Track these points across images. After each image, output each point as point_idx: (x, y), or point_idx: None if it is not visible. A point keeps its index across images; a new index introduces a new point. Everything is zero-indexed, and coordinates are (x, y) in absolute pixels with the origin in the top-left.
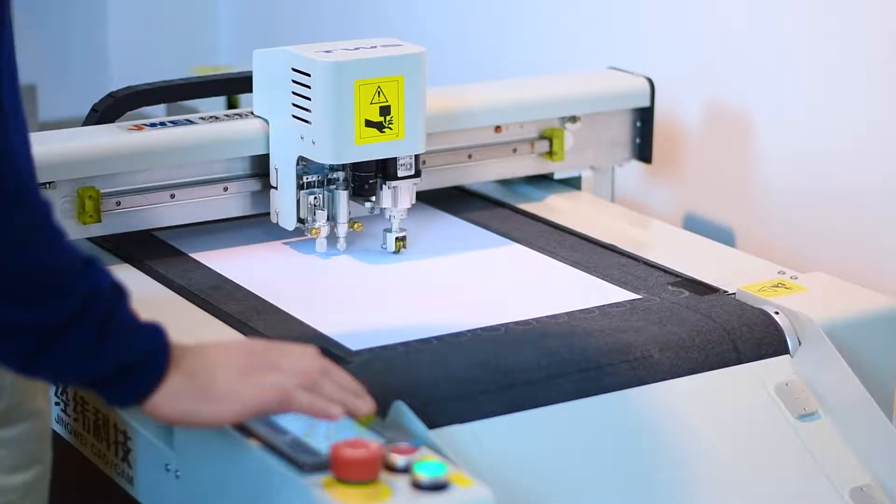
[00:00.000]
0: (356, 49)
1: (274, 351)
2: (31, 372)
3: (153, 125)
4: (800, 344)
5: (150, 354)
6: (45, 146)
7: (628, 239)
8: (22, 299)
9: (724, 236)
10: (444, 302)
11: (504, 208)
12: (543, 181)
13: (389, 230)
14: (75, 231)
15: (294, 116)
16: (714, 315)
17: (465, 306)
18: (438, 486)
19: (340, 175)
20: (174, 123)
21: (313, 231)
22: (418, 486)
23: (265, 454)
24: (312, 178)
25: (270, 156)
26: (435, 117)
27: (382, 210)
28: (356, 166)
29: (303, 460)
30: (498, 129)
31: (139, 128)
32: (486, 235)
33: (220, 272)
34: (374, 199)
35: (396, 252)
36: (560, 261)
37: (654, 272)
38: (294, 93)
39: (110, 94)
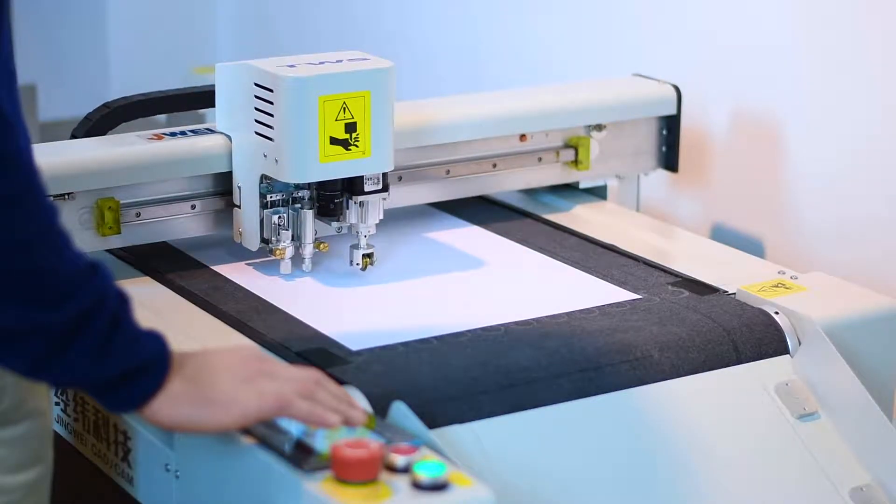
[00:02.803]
0: (321, 63)
1: (269, 360)
2: (37, 375)
3: (173, 134)
4: (800, 344)
5: (151, 360)
6: (62, 157)
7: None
8: (31, 302)
9: (754, 247)
10: (444, 302)
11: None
12: (568, 190)
13: (357, 246)
14: (94, 243)
15: (257, 133)
16: (714, 315)
17: (465, 306)
18: (438, 486)
19: (305, 194)
20: (195, 133)
21: (277, 252)
22: (418, 486)
23: (265, 454)
24: (276, 196)
25: (233, 173)
26: (458, 126)
27: (350, 227)
28: (321, 185)
29: (303, 460)
30: (523, 137)
31: (159, 137)
32: (485, 235)
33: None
34: (340, 218)
35: (364, 269)
36: (560, 261)
37: (654, 272)
38: (257, 108)
39: (105, 105)
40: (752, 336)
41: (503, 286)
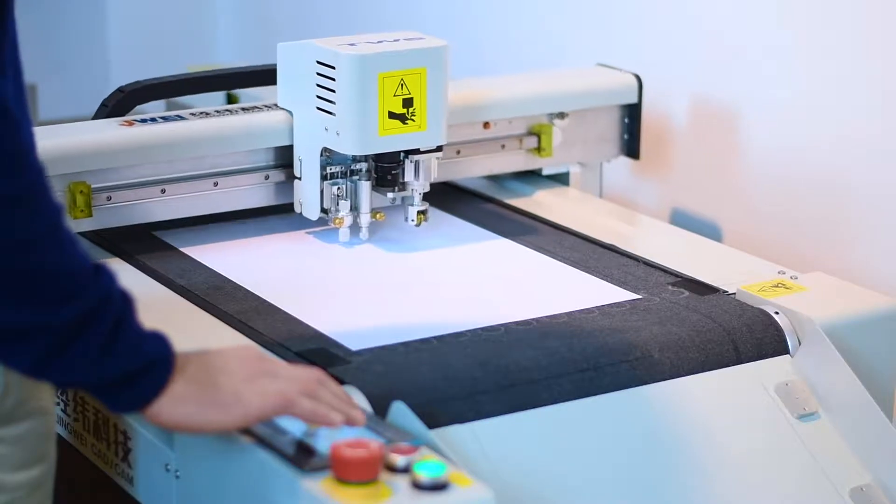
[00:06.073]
0: (379, 42)
1: (271, 360)
2: (40, 374)
3: (143, 121)
4: (800, 344)
5: (154, 361)
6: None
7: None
8: (34, 302)
9: (711, 231)
10: (444, 302)
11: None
12: (532, 177)
13: (412, 203)
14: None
15: (318, 108)
16: (714, 315)
17: (465, 306)
18: (438, 486)
19: (363, 166)
20: (165, 119)
21: (337, 221)
22: (418, 486)
23: (265, 454)
24: (335, 168)
25: (294, 147)
26: None
27: (405, 184)
28: (379, 157)
29: (303, 460)
30: (486, 125)
31: (130, 124)
32: (484, 235)
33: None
34: (395, 189)
35: (418, 225)
36: (560, 261)
37: (654, 272)
38: (318, 85)
39: (119, 90)
40: (752, 336)
41: (503, 286)
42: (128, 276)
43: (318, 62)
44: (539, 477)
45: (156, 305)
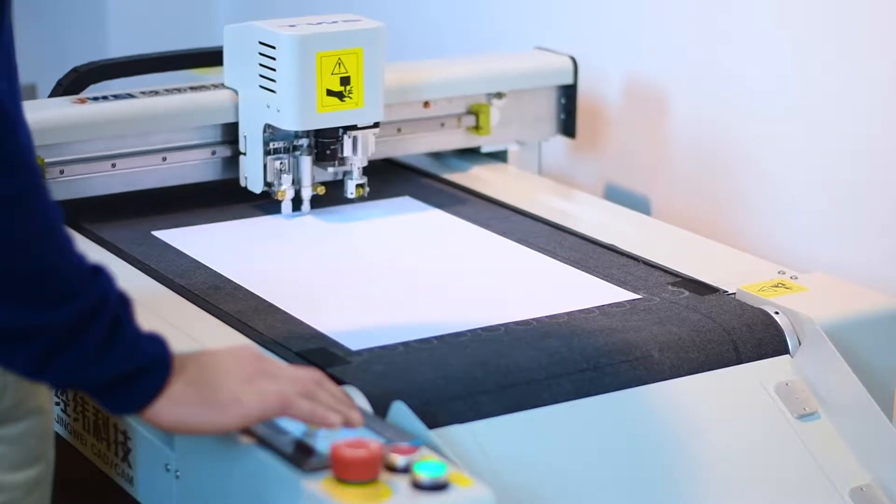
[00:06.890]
0: (319, 24)
1: (269, 360)
2: (37, 376)
3: (95, 99)
4: (800, 344)
5: (152, 362)
6: None
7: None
8: (32, 302)
9: (641, 205)
10: (444, 302)
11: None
12: (471, 154)
13: (351, 177)
14: None
15: (261, 87)
16: (714, 315)
17: (465, 306)
18: (438, 486)
19: (305, 142)
20: (116, 97)
21: (279, 194)
22: (418, 486)
23: (265, 454)
24: (278, 144)
25: (239, 124)
26: None
27: (344, 159)
28: (319, 133)
29: (303, 460)
30: (426, 104)
31: (82, 101)
32: (479, 232)
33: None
34: (335, 163)
35: (357, 198)
36: (560, 261)
37: (654, 272)
38: (261, 65)
39: (74, 69)
40: (752, 336)
41: (503, 286)
42: (120, 272)
43: (261, 43)
44: (539, 477)
45: (147, 300)
